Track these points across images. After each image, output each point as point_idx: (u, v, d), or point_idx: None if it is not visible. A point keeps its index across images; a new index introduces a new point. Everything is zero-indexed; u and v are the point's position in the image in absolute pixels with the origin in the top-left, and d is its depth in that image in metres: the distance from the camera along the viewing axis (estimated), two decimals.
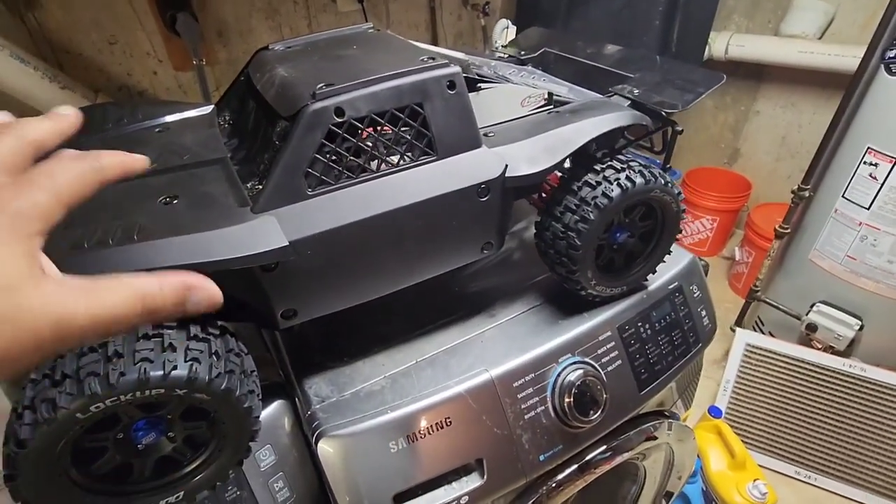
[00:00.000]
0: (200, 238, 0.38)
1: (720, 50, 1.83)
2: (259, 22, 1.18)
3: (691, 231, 2.13)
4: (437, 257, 0.50)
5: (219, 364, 0.38)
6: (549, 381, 0.54)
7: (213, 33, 1.12)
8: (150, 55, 1.07)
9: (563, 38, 0.81)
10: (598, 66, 0.69)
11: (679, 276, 0.65)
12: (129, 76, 1.07)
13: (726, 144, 2.20)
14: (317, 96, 0.43)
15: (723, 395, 1.40)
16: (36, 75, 0.85)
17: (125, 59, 1.06)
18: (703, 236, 2.12)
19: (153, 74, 1.10)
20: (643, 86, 0.61)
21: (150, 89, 1.11)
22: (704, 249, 2.15)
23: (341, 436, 0.46)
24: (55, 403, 0.32)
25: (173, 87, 1.13)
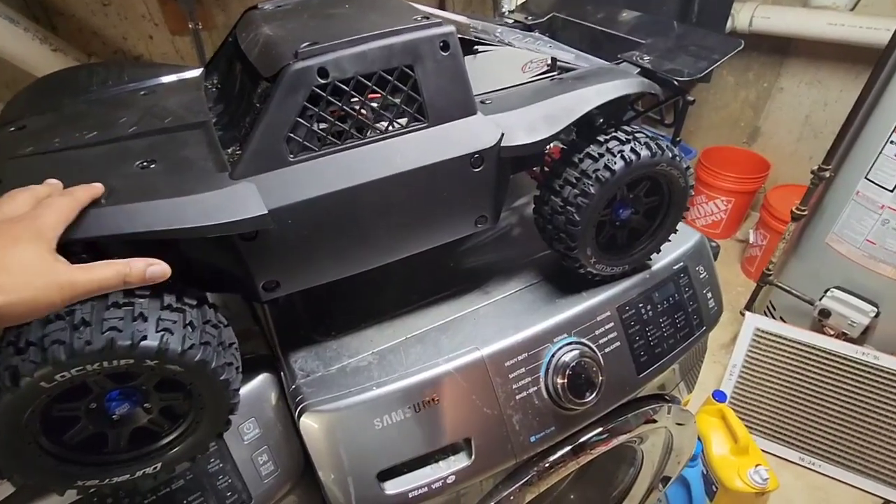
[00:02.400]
0: (173, 203, 0.36)
1: (744, 22, 1.74)
2: None
3: (704, 212, 2.08)
4: (428, 230, 0.48)
5: (193, 335, 0.37)
6: (543, 362, 0.52)
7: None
8: (146, 18, 1.04)
9: (573, 3, 0.76)
10: (607, 31, 0.65)
11: (685, 256, 0.62)
12: (124, 40, 1.04)
13: (746, 123, 2.12)
14: (299, 55, 0.40)
15: (729, 379, 1.38)
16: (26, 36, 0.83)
17: (120, 21, 1.03)
18: (717, 218, 2.06)
19: (149, 38, 1.07)
20: (654, 52, 0.57)
21: (146, 54, 1.08)
22: (717, 231, 2.09)
23: (325, 411, 0.45)
24: (17, 371, 0.31)
25: (170, 51, 1.10)
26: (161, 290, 0.38)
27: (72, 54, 0.92)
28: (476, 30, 0.61)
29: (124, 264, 0.33)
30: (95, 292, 0.32)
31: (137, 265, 0.34)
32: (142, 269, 0.34)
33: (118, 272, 0.33)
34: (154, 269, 0.34)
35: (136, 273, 0.33)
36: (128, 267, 0.33)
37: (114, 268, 0.33)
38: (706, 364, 1.61)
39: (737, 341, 1.38)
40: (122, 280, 0.33)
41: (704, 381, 1.52)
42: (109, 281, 0.32)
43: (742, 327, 1.38)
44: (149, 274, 0.34)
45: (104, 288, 0.32)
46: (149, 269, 0.34)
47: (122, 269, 0.33)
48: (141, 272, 0.34)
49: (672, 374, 0.74)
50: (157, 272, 0.34)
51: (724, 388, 1.37)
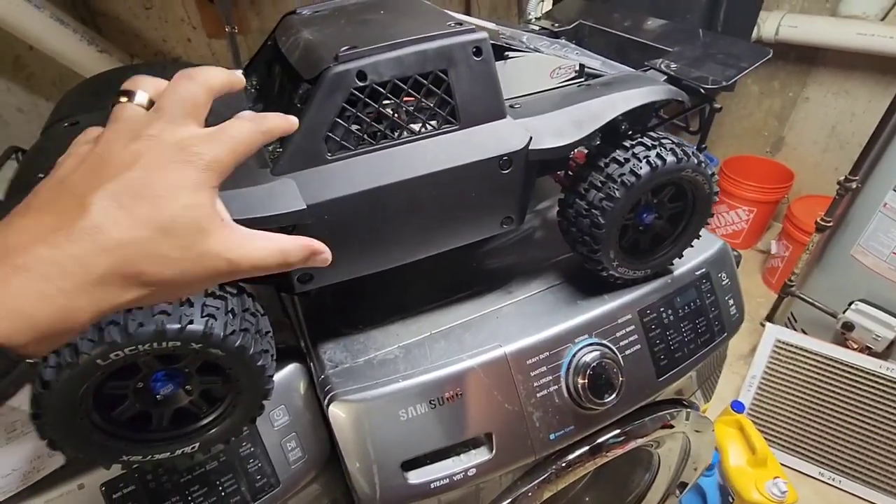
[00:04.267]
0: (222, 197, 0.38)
1: (770, 31, 1.73)
2: None
3: (725, 222, 2.05)
4: (455, 229, 0.50)
5: (234, 322, 0.39)
6: (564, 361, 0.53)
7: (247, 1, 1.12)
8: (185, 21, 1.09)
9: (599, 11, 0.77)
10: (634, 38, 0.66)
11: (708, 262, 0.62)
12: (163, 42, 1.09)
13: (770, 132, 2.10)
14: (339, 59, 0.42)
15: (748, 390, 1.36)
16: (74, 37, 0.87)
17: (160, 24, 1.07)
18: (738, 227, 2.04)
19: (187, 41, 1.12)
20: (681, 60, 0.58)
21: (184, 56, 1.12)
22: (738, 241, 2.07)
23: (352, 401, 0.47)
24: (77, 349, 0.33)
25: (206, 54, 1.15)
26: None
27: (116, 55, 0.96)
28: (505, 36, 0.62)
29: (290, 242, 0.28)
30: (251, 273, 0.27)
31: (299, 246, 0.29)
32: (304, 254, 0.30)
33: (282, 252, 0.28)
34: (321, 258, 0.31)
35: (297, 255, 0.29)
36: (293, 246, 0.29)
37: (277, 245, 0.28)
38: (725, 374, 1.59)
39: (756, 352, 1.36)
40: (282, 262, 0.29)
41: (722, 392, 1.50)
42: (268, 261, 0.28)
43: (762, 338, 1.36)
44: (312, 262, 0.30)
45: (262, 269, 0.28)
46: (317, 256, 0.30)
47: (287, 247, 0.28)
48: (303, 256, 0.29)
49: (689, 382, 0.74)
50: (322, 260, 0.31)
51: (743, 398, 1.35)
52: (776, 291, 1.54)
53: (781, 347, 1.34)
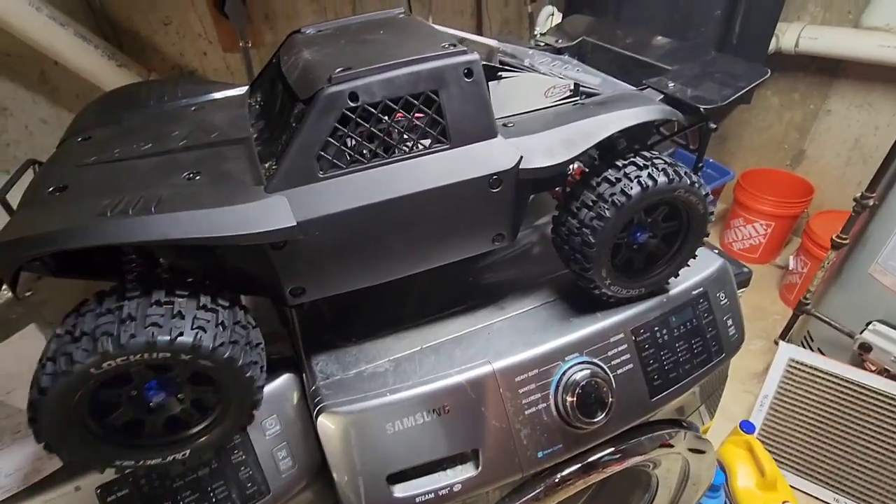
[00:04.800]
0: (213, 213, 0.40)
1: (790, 43, 1.70)
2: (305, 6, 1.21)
3: (742, 236, 2.01)
4: (446, 246, 0.50)
5: (224, 334, 0.40)
6: (554, 379, 0.53)
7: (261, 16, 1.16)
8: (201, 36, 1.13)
9: (604, 27, 0.78)
10: (635, 56, 0.66)
11: (705, 281, 0.62)
12: (181, 56, 1.13)
13: (790, 145, 2.05)
14: (333, 80, 0.43)
15: (759, 410, 1.33)
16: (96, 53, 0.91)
17: (178, 39, 1.11)
18: (755, 242, 2.00)
19: (203, 55, 1.16)
20: (680, 79, 0.58)
21: (200, 69, 1.16)
22: (755, 256, 2.03)
23: (341, 413, 0.48)
24: (72, 358, 0.35)
25: (221, 67, 1.18)
26: (198, 291, 0.41)
27: (134, 69, 1.00)
28: (504, 54, 0.63)
29: None
30: None
31: None
32: None
33: None
34: None
35: None
36: None
37: None
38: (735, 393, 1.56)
39: (769, 371, 1.33)
40: None
41: (733, 411, 1.47)
42: None
43: (775, 357, 1.33)
44: None
45: None
46: None
47: None
48: None
49: (692, 398, 0.73)
50: None
51: (754, 418, 1.32)
52: (793, 309, 1.50)
53: (795, 367, 1.30)
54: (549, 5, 1.08)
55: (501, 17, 1.51)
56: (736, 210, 2.01)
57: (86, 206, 0.40)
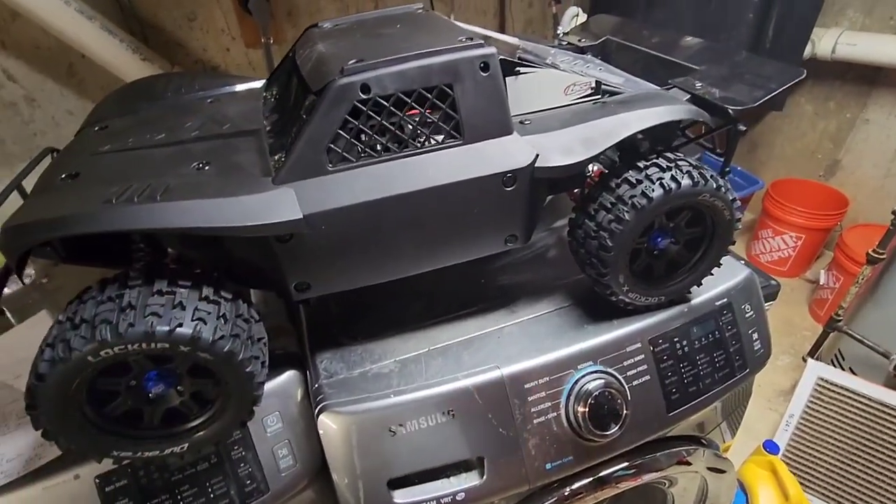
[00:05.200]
0: (217, 203, 0.39)
1: (826, 49, 1.64)
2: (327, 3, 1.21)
3: (770, 248, 1.94)
4: (456, 245, 0.49)
5: (224, 327, 0.39)
6: (565, 388, 0.51)
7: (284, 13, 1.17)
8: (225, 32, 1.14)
9: (629, 27, 0.75)
10: (660, 56, 0.63)
11: (730, 292, 0.59)
12: (204, 52, 1.14)
13: (824, 155, 1.97)
14: (345, 72, 0.42)
15: (784, 430, 1.27)
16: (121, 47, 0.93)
17: (202, 35, 1.13)
18: (784, 254, 1.92)
19: (226, 51, 1.17)
20: (707, 79, 0.55)
21: (223, 65, 1.18)
22: (784, 269, 1.95)
23: (342, 413, 0.47)
24: (70, 345, 0.35)
25: (244, 63, 1.20)
26: (201, 282, 0.41)
27: (158, 63, 1.02)
28: (524, 51, 0.61)
29: None
30: None
31: None
32: None
33: None
34: None
35: None
36: None
37: None
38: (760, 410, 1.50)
39: (796, 389, 1.27)
40: None
41: (757, 429, 1.41)
42: None
43: (803, 375, 1.27)
44: None
45: None
46: None
47: None
48: None
49: (713, 414, 0.70)
50: None
51: (779, 438, 1.26)
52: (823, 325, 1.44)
53: (824, 386, 1.24)
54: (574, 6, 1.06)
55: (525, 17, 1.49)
56: (764, 221, 1.95)
57: (94, 193, 0.40)
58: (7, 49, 1.02)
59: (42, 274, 0.73)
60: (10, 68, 1.03)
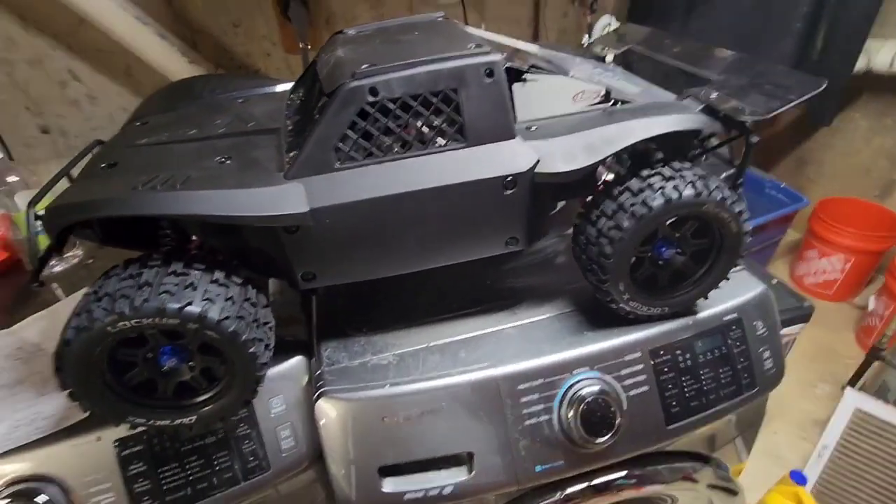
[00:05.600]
0: (231, 194, 0.43)
1: (884, 62, 1.54)
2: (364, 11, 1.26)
3: (816, 269, 1.84)
4: (456, 245, 0.50)
5: (231, 308, 0.42)
6: (559, 392, 0.51)
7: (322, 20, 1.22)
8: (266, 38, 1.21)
9: (654, 37, 0.75)
10: (679, 65, 0.63)
11: (741, 307, 0.57)
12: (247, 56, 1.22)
13: (879, 174, 1.86)
14: (356, 76, 0.45)
15: (816, 461, 1.20)
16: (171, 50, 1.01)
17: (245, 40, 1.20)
18: (831, 277, 1.82)
19: (266, 56, 1.24)
20: (724, 89, 0.54)
21: (263, 68, 1.25)
22: (830, 293, 1.85)
23: (339, 399, 0.49)
24: (92, 315, 0.39)
25: (282, 67, 1.26)
26: (214, 266, 0.44)
27: (203, 66, 1.10)
28: (540, 58, 0.63)
29: None
30: None
31: None
32: None
33: None
34: None
35: None
36: None
37: None
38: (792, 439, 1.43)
39: (831, 419, 1.20)
40: None
41: (787, 458, 1.34)
42: None
43: (839, 404, 1.20)
44: None
45: None
46: None
47: None
48: None
49: (726, 428, 0.68)
50: None
51: (810, 470, 1.19)
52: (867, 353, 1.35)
53: (863, 419, 1.17)
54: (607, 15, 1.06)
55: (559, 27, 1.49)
56: (810, 241, 1.85)
57: (125, 181, 0.44)
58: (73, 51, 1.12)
59: (88, 255, 0.80)
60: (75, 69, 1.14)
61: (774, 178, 1.79)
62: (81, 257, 0.80)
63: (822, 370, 1.61)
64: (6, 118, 1.15)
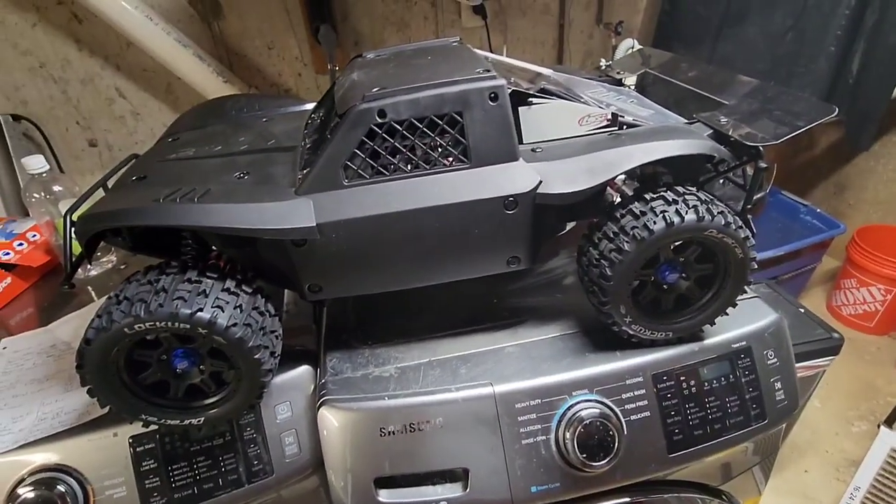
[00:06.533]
0: (243, 208, 0.45)
1: None
2: (391, 34, 1.31)
3: (854, 300, 1.76)
4: (458, 262, 0.51)
5: (239, 316, 0.45)
6: (557, 413, 0.51)
7: (351, 43, 1.28)
8: (298, 59, 1.27)
9: (670, 60, 0.75)
10: (692, 89, 0.63)
11: (751, 335, 0.56)
12: (279, 76, 1.28)
13: None
14: (365, 98, 0.47)
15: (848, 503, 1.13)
16: (208, 70, 1.08)
17: (278, 61, 1.27)
18: (871, 309, 1.73)
19: (298, 76, 1.30)
20: (734, 114, 0.54)
21: (294, 88, 1.31)
22: (870, 325, 1.75)
23: (339, 408, 0.50)
24: (111, 317, 0.42)
25: (312, 87, 1.32)
26: (227, 275, 0.47)
27: (237, 85, 1.17)
28: (550, 81, 0.64)
29: None
30: None
31: None
32: None
33: None
34: None
35: None
36: None
37: None
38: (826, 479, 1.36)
39: (865, 460, 1.13)
40: None
41: (819, 499, 1.27)
42: None
43: (874, 444, 1.13)
44: None
45: None
46: None
47: None
48: None
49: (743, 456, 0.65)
50: None
51: None
52: None
53: None
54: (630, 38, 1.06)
55: (585, 48, 1.50)
56: (848, 270, 1.77)
57: (150, 193, 0.47)
58: (121, 71, 1.21)
59: (121, 261, 0.85)
60: (121, 87, 1.23)
61: (810, 204, 1.73)
62: (115, 263, 0.86)
63: (860, 407, 1.52)
64: (59, 132, 1.24)
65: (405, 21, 1.33)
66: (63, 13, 1.13)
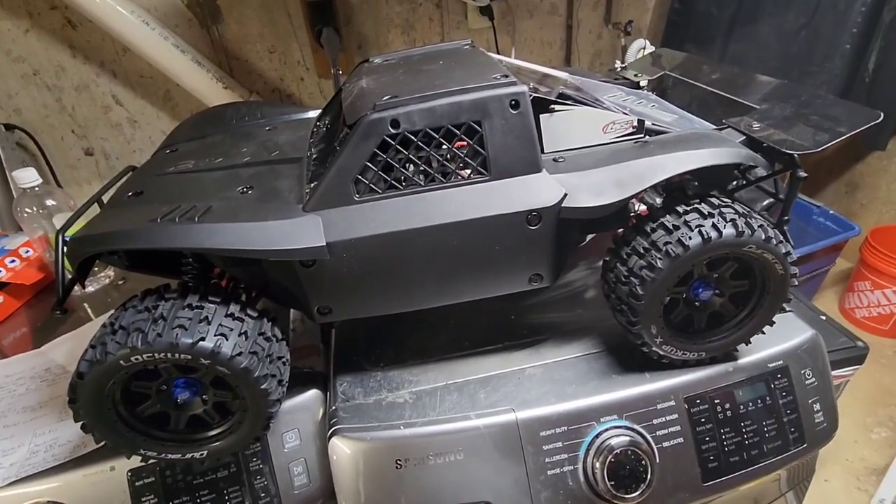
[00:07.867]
0: (247, 227, 0.42)
1: None
2: (396, 37, 1.28)
3: (868, 302, 1.72)
4: (478, 281, 0.48)
5: (244, 344, 0.41)
6: (585, 441, 0.48)
7: (354, 46, 1.24)
8: (300, 63, 1.24)
9: (690, 62, 0.72)
10: (718, 93, 0.60)
11: (788, 354, 0.53)
12: (281, 81, 1.25)
13: None
14: (377, 107, 0.44)
15: None
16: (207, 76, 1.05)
17: (280, 66, 1.24)
18: (885, 311, 1.69)
19: (300, 80, 1.27)
20: (767, 119, 0.51)
21: (297, 93, 1.28)
22: (885, 328, 1.71)
23: (352, 439, 0.47)
24: (106, 349, 0.38)
25: (315, 92, 1.29)
26: (230, 299, 0.43)
27: (238, 91, 1.13)
28: (569, 86, 0.61)
29: None
30: None
31: None
32: None
33: None
34: None
35: None
36: None
37: None
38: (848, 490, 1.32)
39: (889, 470, 1.10)
40: None
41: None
42: None
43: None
44: None
45: None
46: None
47: None
48: None
49: (776, 487, 0.62)
50: None
51: None
52: None
53: None
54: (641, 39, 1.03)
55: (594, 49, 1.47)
56: (862, 271, 1.73)
57: (147, 211, 0.44)
58: (117, 78, 1.18)
59: (119, 276, 0.82)
60: (118, 94, 1.19)
61: (823, 205, 1.70)
62: (113, 278, 0.82)
63: (879, 414, 1.49)
64: (54, 141, 1.21)
65: (410, 23, 1.29)
66: (56, 19, 1.10)
